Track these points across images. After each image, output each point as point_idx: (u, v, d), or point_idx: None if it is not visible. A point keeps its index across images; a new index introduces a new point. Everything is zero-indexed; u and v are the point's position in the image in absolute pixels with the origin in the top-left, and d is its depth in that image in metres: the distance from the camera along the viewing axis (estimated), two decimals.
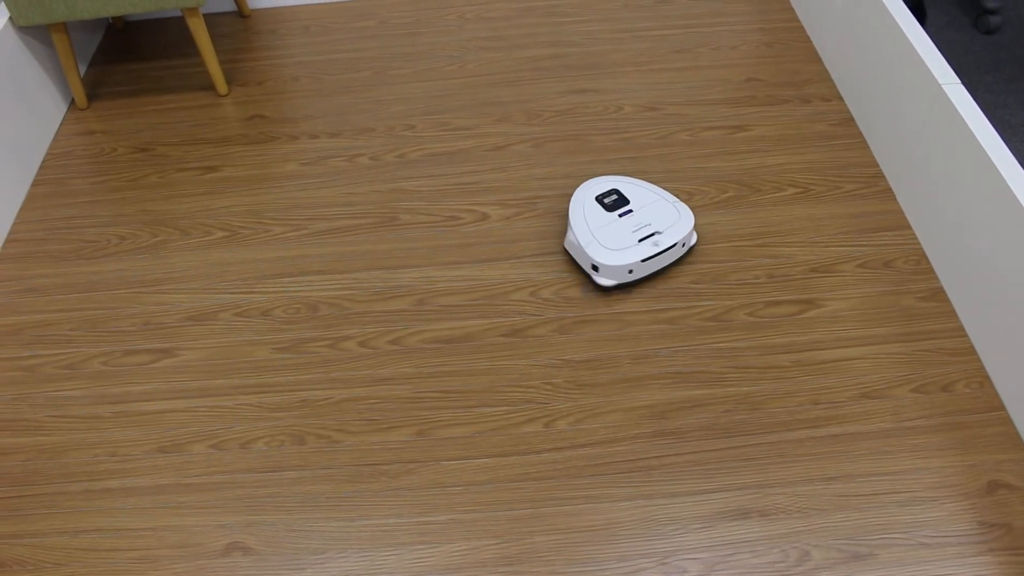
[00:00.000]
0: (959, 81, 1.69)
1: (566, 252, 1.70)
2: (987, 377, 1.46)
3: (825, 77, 2.08)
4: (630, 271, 1.59)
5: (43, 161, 2.00)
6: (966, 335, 1.53)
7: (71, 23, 2.20)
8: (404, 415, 1.47)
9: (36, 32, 2.05)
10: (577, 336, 1.56)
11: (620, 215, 1.63)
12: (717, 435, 1.41)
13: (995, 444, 1.38)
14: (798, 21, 2.26)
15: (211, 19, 2.42)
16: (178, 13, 2.46)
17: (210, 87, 2.18)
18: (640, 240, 1.59)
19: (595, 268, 1.58)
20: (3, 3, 1.97)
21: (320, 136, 2.01)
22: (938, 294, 1.60)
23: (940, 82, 1.58)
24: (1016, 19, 2.51)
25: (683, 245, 1.62)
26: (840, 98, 2.02)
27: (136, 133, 2.06)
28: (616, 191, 1.67)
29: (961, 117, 1.51)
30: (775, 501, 1.32)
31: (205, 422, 1.48)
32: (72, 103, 2.16)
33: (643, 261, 1.58)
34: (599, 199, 1.66)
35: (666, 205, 1.63)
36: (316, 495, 1.37)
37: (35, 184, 1.95)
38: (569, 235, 1.63)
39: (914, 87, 1.67)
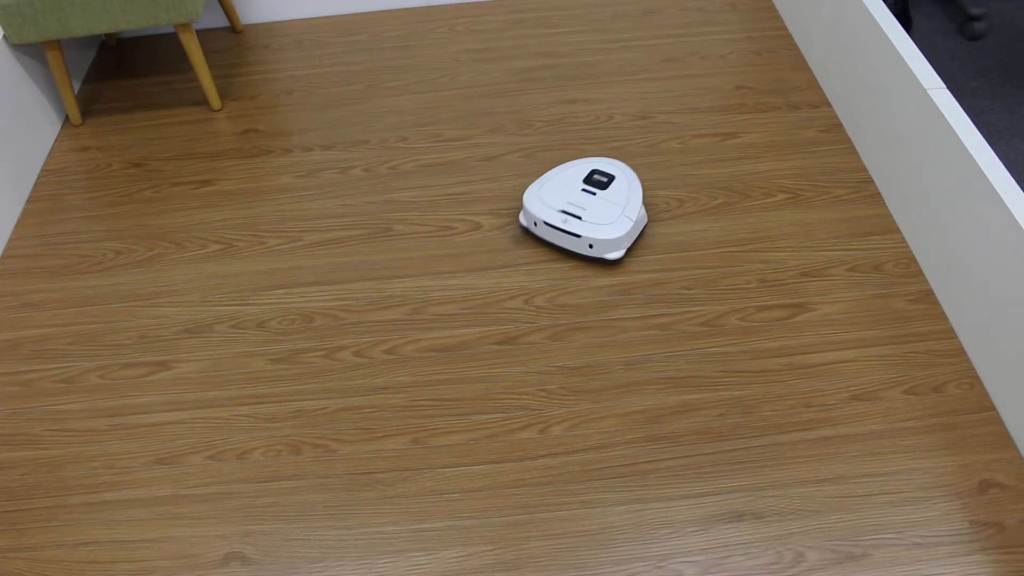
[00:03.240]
0: (945, 86, 1.71)
1: (562, 258, 1.72)
2: (977, 378, 1.48)
3: (813, 84, 2.10)
4: (535, 223, 1.71)
5: (38, 177, 2.01)
6: (956, 336, 1.54)
7: (65, 40, 2.22)
8: (399, 423, 1.48)
9: (30, 49, 2.07)
10: (570, 343, 1.57)
11: (583, 189, 1.72)
12: (710, 439, 1.42)
13: (986, 444, 1.39)
14: (786, 29, 2.28)
15: (204, 35, 2.44)
16: (171, 29, 2.47)
17: (203, 102, 2.20)
18: (561, 210, 1.69)
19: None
20: None
21: (313, 149, 2.03)
22: (927, 296, 1.61)
23: (926, 87, 1.60)
24: (1000, 25, 2.54)
25: (589, 245, 1.67)
26: (828, 104, 2.04)
27: (130, 148, 2.07)
28: (611, 176, 1.73)
29: (947, 122, 1.53)
30: (769, 503, 1.33)
31: (202, 433, 1.49)
32: (66, 120, 2.17)
33: (545, 224, 1.69)
34: (593, 172, 1.74)
35: (615, 209, 1.68)
36: (313, 504, 1.38)
37: (30, 200, 1.96)
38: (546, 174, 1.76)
39: (901, 93, 1.69)
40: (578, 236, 1.66)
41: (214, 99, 2.14)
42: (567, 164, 1.78)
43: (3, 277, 1.79)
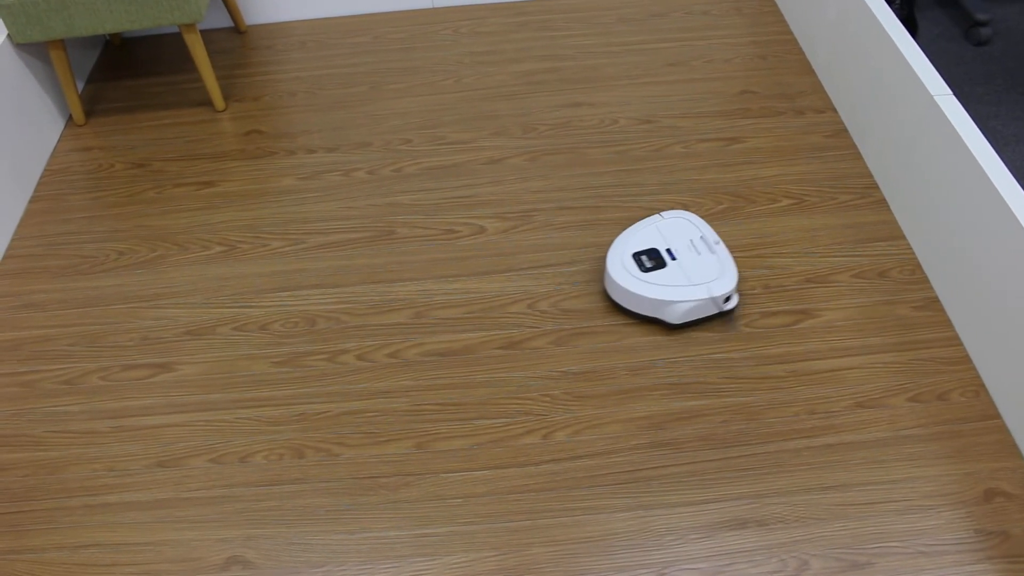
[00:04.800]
0: (951, 92, 1.70)
1: (566, 262, 1.71)
2: (982, 386, 1.47)
3: (818, 89, 2.09)
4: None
5: (41, 177, 2.01)
6: (961, 344, 1.54)
7: (68, 40, 2.21)
8: (402, 428, 1.47)
9: (34, 49, 2.06)
10: (574, 348, 1.57)
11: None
12: (714, 446, 1.42)
13: (991, 452, 1.38)
14: (791, 34, 2.27)
15: (208, 35, 2.44)
16: (175, 30, 2.47)
17: (207, 103, 2.19)
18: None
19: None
20: (1, 20, 1.98)
21: (317, 151, 2.02)
22: (933, 303, 1.61)
23: (932, 93, 1.59)
24: (1006, 31, 2.53)
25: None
26: (833, 109, 2.03)
27: (133, 149, 2.07)
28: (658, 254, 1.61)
29: (954, 128, 1.52)
30: (773, 511, 1.33)
31: (204, 436, 1.48)
32: (70, 119, 2.17)
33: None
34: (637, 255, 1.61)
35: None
36: (315, 508, 1.37)
37: (33, 200, 1.95)
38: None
39: (906, 98, 1.69)
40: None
41: (218, 100, 2.14)
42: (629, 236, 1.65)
43: (5, 277, 1.78)
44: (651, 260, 1.59)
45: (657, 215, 1.68)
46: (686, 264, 1.58)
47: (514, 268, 1.72)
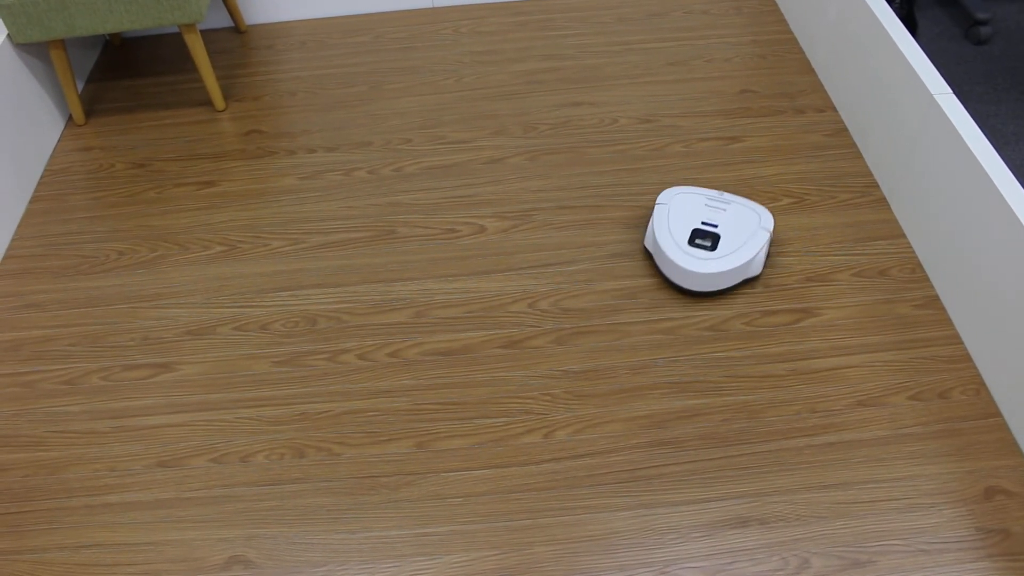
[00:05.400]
0: (951, 91, 1.70)
1: (566, 262, 1.71)
2: (983, 384, 1.47)
3: (818, 88, 2.09)
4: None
5: (41, 177, 2.01)
6: (962, 342, 1.54)
7: (69, 40, 2.21)
8: (403, 427, 1.47)
9: (34, 49, 2.06)
10: (575, 347, 1.57)
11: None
12: (715, 444, 1.42)
13: (992, 450, 1.38)
14: (791, 33, 2.27)
15: (208, 35, 2.44)
16: (175, 29, 2.47)
17: (207, 102, 2.19)
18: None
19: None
20: (1, 20, 1.98)
21: (317, 150, 2.02)
22: (933, 302, 1.61)
23: (932, 92, 1.59)
24: (1007, 30, 2.53)
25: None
26: (834, 109, 2.03)
27: (134, 149, 2.07)
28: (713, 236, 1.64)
29: (954, 127, 1.52)
30: (774, 509, 1.33)
31: (205, 436, 1.48)
32: (70, 119, 2.17)
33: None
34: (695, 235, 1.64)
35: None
36: (316, 508, 1.37)
37: (33, 200, 1.95)
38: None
39: (907, 97, 1.69)
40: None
41: (218, 100, 2.14)
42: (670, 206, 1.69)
43: (5, 277, 1.78)
44: (706, 239, 1.62)
45: (657, 205, 1.69)
46: (728, 224, 1.64)
47: (514, 267, 1.72)
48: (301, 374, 1.56)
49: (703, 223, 1.64)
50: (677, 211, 1.66)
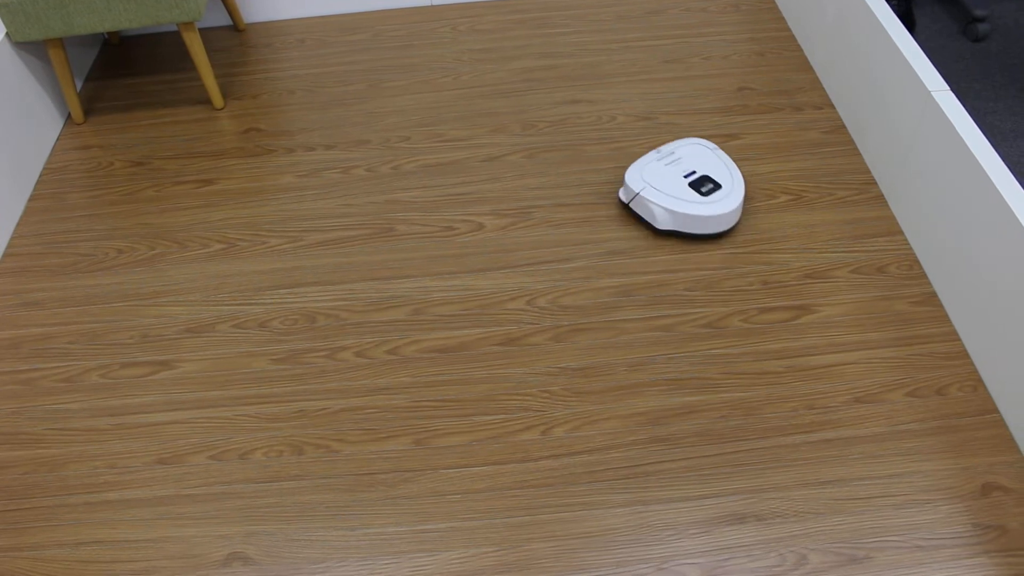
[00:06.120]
0: (949, 88, 1.71)
1: (564, 259, 1.71)
2: (980, 380, 1.48)
3: (816, 85, 2.09)
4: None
5: (40, 176, 2.01)
6: (959, 339, 1.54)
7: (67, 39, 2.22)
8: (401, 424, 1.48)
9: (33, 48, 2.06)
10: (573, 344, 1.57)
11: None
12: (712, 441, 1.42)
13: (989, 447, 1.39)
14: (789, 30, 2.28)
15: (206, 33, 2.44)
16: (174, 28, 2.47)
17: (206, 101, 2.19)
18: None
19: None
20: (0, 19, 1.98)
21: (316, 148, 2.03)
22: (931, 299, 1.61)
23: (930, 89, 1.60)
24: (1005, 27, 2.54)
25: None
26: (831, 106, 2.03)
27: (132, 147, 2.07)
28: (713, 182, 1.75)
29: (951, 123, 1.53)
30: (771, 506, 1.33)
31: (204, 433, 1.49)
32: (69, 118, 2.17)
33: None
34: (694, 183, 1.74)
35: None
36: (315, 504, 1.38)
37: (32, 199, 1.95)
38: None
39: (904, 94, 1.69)
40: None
41: (216, 98, 2.14)
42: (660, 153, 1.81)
43: (4, 275, 1.78)
44: (706, 183, 1.73)
45: (638, 196, 1.75)
46: (702, 165, 1.77)
47: (512, 265, 1.72)
48: (300, 371, 1.56)
49: (685, 176, 1.74)
50: (657, 183, 1.73)
